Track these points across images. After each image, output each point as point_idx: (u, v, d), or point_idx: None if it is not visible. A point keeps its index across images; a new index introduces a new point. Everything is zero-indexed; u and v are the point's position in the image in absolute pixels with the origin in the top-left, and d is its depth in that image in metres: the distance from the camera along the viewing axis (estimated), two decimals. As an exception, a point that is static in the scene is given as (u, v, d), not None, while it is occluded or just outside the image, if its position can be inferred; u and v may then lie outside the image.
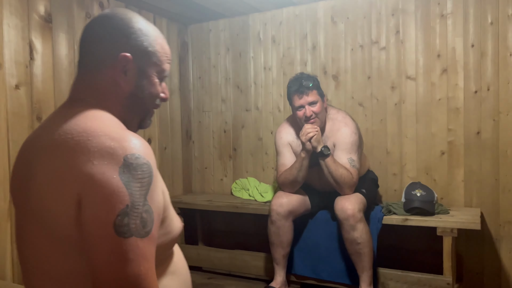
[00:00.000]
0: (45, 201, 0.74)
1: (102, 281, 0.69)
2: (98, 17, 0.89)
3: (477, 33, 2.45)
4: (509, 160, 2.40)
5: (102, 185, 0.70)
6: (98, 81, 0.86)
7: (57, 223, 0.73)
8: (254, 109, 3.18)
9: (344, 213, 2.16)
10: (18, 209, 0.84)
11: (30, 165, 0.78)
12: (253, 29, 3.15)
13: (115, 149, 0.73)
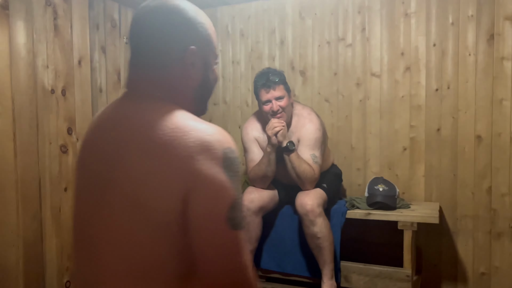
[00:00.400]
0: (148, 194, 0.73)
1: (215, 272, 0.72)
2: (157, 9, 0.85)
3: (439, 32, 2.53)
4: (467, 156, 2.49)
5: (211, 180, 0.72)
6: (167, 75, 0.84)
7: (158, 213, 0.73)
8: (222, 103, 3.16)
9: (304, 208, 2.19)
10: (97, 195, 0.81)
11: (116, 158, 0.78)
12: (221, 22, 3.12)
13: (213, 144, 0.74)
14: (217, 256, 0.73)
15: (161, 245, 0.75)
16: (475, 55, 2.45)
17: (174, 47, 0.84)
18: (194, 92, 0.88)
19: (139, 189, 0.74)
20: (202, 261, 0.73)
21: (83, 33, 2.67)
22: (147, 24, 0.85)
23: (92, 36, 2.74)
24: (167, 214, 0.73)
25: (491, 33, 2.42)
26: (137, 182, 0.74)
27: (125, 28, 3.04)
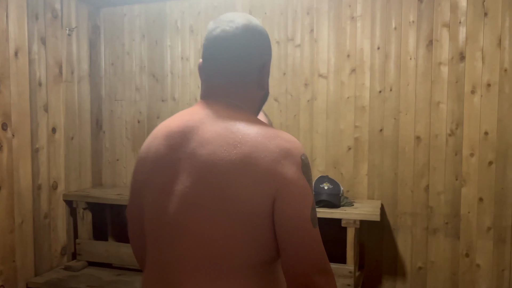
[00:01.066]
0: (236, 190, 0.82)
1: (305, 263, 0.83)
2: (248, 22, 0.95)
3: (383, 36, 2.62)
4: (407, 156, 2.61)
5: (296, 184, 0.83)
6: (246, 85, 0.95)
7: (244, 207, 0.82)
8: (171, 99, 3.10)
9: None
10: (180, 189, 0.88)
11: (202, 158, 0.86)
12: (171, 17, 3.05)
13: (292, 150, 0.85)
14: (303, 248, 0.83)
15: (242, 236, 0.83)
16: (415, 59, 2.57)
17: (256, 61, 0.95)
18: (260, 100, 1.00)
19: (228, 186, 0.82)
20: (289, 252, 0.83)
21: (20, 22, 2.51)
22: (235, 40, 0.92)
23: (30, 26, 2.59)
24: (252, 209, 0.82)
25: (430, 39, 2.54)
26: (226, 179, 0.83)
27: (67, 18, 2.89)
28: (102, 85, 3.23)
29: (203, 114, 0.92)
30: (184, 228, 0.86)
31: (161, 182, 0.91)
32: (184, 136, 0.90)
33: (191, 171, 0.87)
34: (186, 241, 0.86)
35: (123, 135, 3.22)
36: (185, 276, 0.86)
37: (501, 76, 2.43)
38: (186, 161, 0.88)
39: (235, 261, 0.85)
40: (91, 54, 3.12)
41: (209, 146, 0.86)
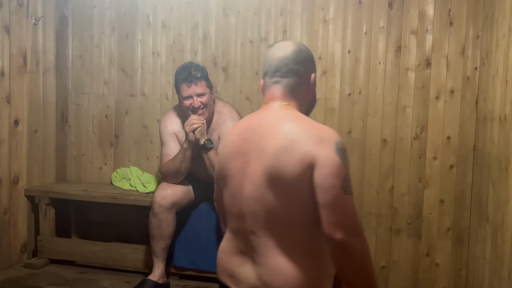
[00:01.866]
0: (285, 165, 1.11)
1: (338, 225, 1.05)
2: (297, 46, 1.28)
3: (354, 40, 2.68)
4: (373, 158, 2.68)
5: (327, 159, 1.08)
6: (299, 92, 1.26)
7: (291, 178, 1.10)
8: (140, 95, 3.04)
9: None
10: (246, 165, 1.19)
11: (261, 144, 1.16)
12: (142, 11, 3.00)
13: (327, 137, 1.12)
14: (336, 211, 1.06)
15: (293, 201, 1.13)
16: (384, 64, 2.64)
17: (307, 73, 1.28)
18: (308, 104, 1.32)
19: (283, 165, 1.11)
20: (325, 215, 1.07)
21: (-18, 9, 2.40)
22: (287, 59, 1.24)
23: (-7, 14, 2.48)
24: (299, 180, 1.10)
25: (398, 44, 2.62)
26: (281, 161, 1.11)
27: (33, 7, 2.79)
28: (68, 78, 3.14)
29: (266, 115, 1.22)
30: (258, 202, 1.15)
31: (237, 167, 1.20)
32: (252, 132, 1.20)
33: (257, 158, 1.16)
34: (260, 211, 1.15)
35: (89, 129, 3.13)
36: (260, 238, 1.16)
37: (464, 83, 2.53)
38: (254, 150, 1.17)
39: (289, 221, 1.14)
40: (58, 45, 3.01)
41: (270, 139, 1.15)
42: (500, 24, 2.13)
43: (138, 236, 2.77)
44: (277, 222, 1.15)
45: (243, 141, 1.21)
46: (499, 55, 2.12)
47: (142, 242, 2.65)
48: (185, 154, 2.27)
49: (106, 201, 2.72)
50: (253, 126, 1.22)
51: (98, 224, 3.07)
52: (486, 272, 2.16)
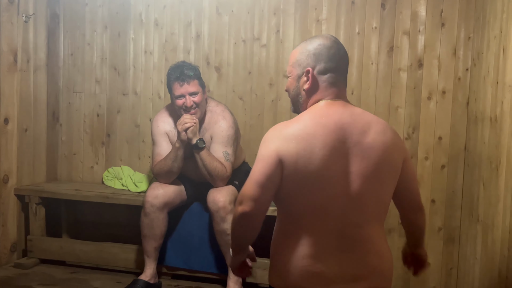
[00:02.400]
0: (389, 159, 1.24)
1: (418, 197, 1.38)
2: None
3: (347, 41, 2.68)
4: (366, 158, 2.69)
5: (409, 155, 1.34)
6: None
7: (394, 170, 1.27)
8: (132, 93, 3.02)
9: (216, 205, 2.19)
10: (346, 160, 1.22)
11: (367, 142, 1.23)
12: (135, 9, 2.98)
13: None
14: (417, 189, 1.38)
15: (392, 189, 1.30)
16: (376, 64, 2.65)
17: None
18: None
19: (387, 160, 1.24)
20: (412, 192, 1.36)
21: (-28, 5, 2.37)
22: (346, 57, 1.32)
23: (-17, 10, 2.45)
24: (397, 172, 1.28)
25: (391, 45, 2.63)
26: (385, 155, 1.23)
27: (24, 4, 2.76)
28: (60, 76, 3.11)
29: (351, 113, 1.25)
30: (368, 196, 1.23)
31: (337, 166, 1.21)
32: (346, 131, 1.22)
33: (361, 155, 1.21)
34: (370, 204, 1.25)
35: (81, 128, 3.11)
36: (364, 229, 1.25)
37: (455, 84, 2.55)
38: (355, 148, 1.21)
39: (387, 209, 1.31)
40: (49, 43, 2.99)
41: (372, 136, 1.22)
42: (491, 25, 2.15)
43: (130, 236, 2.75)
44: (383, 211, 1.30)
45: (339, 141, 1.21)
46: (490, 56, 2.14)
47: (133, 242, 2.63)
48: (177, 153, 2.26)
49: (98, 200, 2.70)
50: (344, 125, 1.22)
51: (90, 223, 3.05)
52: (477, 272, 2.18)
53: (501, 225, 1.86)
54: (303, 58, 1.30)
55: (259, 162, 1.22)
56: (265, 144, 1.25)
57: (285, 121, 1.32)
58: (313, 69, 1.28)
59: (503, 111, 1.90)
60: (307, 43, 1.32)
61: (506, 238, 1.81)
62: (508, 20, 1.93)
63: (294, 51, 1.35)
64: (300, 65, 1.30)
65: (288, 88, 1.37)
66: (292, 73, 1.33)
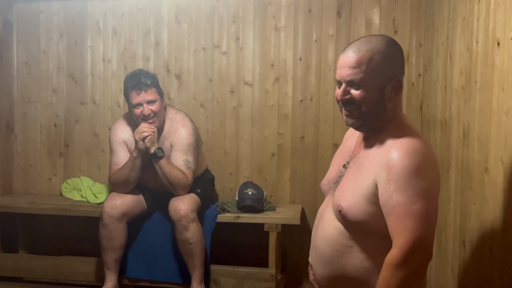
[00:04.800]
0: None
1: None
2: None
3: (305, 48, 2.74)
4: (326, 162, 2.74)
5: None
6: None
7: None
8: (91, 102, 2.96)
9: (178, 214, 2.18)
10: None
11: None
12: (92, 16, 2.93)
13: None
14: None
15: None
16: (334, 70, 2.71)
17: None
18: None
19: None
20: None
21: None
22: None
23: None
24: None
25: (347, 52, 2.69)
26: None
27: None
28: (14, 85, 3.00)
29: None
30: None
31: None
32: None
33: None
34: None
35: (37, 139, 3.01)
36: None
37: (409, 89, 2.65)
38: None
39: None
40: (2, 52, 2.89)
41: None
42: (439, 33, 2.25)
43: (90, 248, 2.68)
44: None
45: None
46: (439, 62, 2.23)
47: (95, 255, 2.57)
48: (134, 162, 2.23)
49: (55, 213, 2.62)
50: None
51: (48, 237, 2.95)
52: (433, 270, 2.26)
53: (452, 224, 1.94)
54: (387, 64, 1.13)
55: (429, 199, 1.06)
56: (426, 174, 1.07)
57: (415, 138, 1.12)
58: (401, 77, 1.16)
59: (451, 115, 1.99)
60: (385, 45, 1.14)
61: (457, 236, 1.88)
62: (453, 28, 2.02)
63: (363, 53, 1.12)
64: (384, 73, 1.13)
65: (362, 98, 1.14)
66: (368, 82, 1.12)
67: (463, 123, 1.84)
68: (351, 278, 1.18)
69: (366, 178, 1.14)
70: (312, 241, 1.31)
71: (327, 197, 1.32)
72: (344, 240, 1.18)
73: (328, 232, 1.21)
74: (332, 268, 1.21)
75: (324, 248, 1.22)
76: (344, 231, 1.18)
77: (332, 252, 1.20)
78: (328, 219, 1.23)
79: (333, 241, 1.20)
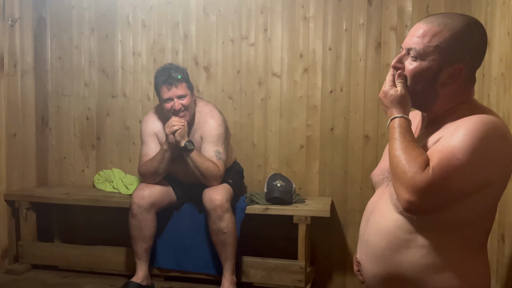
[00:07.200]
0: None
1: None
2: None
3: (334, 37, 2.68)
4: (356, 155, 2.69)
5: None
6: None
7: None
8: (121, 96, 3.01)
9: (212, 203, 2.18)
10: None
11: None
12: (122, 11, 2.96)
13: None
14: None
15: None
16: (365, 60, 2.65)
17: None
18: None
19: None
20: None
21: (-45, 10, 2.34)
22: None
23: (-33, 15, 2.42)
24: None
25: (378, 41, 2.63)
26: None
27: (9, 8, 2.74)
28: (48, 80, 3.09)
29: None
30: None
31: None
32: None
33: None
34: None
35: (70, 132, 3.09)
36: None
37: (443, 79, 2.55)
38: None
39: None
40: (36, 47, 2.96)
41: None
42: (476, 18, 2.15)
43: (122, 239, 2.73)
44: None
45: None
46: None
47: (125, 245, 2.62)
48: (164, 155, 2.25)
49: (88, 204, 2.68)
50: None
51: (81, 227, 3.03)
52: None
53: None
54: (454, 46, 1.02)
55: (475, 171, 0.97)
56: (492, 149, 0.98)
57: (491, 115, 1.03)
58: (465, 67, 1.04)
59: (490, 104, 1.91)
60: (462, 26, 1.02)
61: (495, 230, 1.81)
62: (492, 13, 1.93)
63: (433, 26, 1.03)
64: (446, 54, 1.02)
65: (411, 71, 1.06)
66: (425, 56, 1.04)
67: (502, 111, 1.76)
68: (406, 277, 1.08)
69: None
70: (362, 236, 1.22)
71: (380, 188, 1.22)
72: (402, 233, 1.08)
73: (383, 225, 1.12)
74: (385, 264, 1.11)
75: (378, 243, 1.12)
76: (403, 224, 1.08)
77: (386, 247, 1.10)
78: (383, 210, 1.14)
79: (389, 234, 1.10)
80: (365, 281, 1.22)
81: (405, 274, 1.08)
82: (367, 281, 1.20)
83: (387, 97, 1.11)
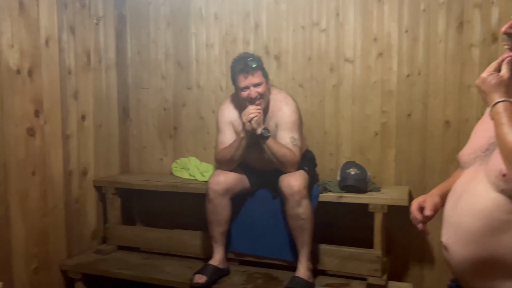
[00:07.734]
0: None
1: None
2: None
3: (411, 19, 2.56)
4: (435, 141, 2.56)
5: None
6: None
7: None
8: (196, 87, 3.12)
9: (291, 189, 2.19)
10: None
11: None
12: (195, 4, 3.06)
13: None
14: None
15: None
16: (445, 42, 2.50)
17: None
18: None
19: None
20: None
21: (50, 11, 2.57)
22: None
23: (60, 15, 2.65)
24: None
25: (460, 20, 2.46)
26: None
27: (94, 8, 2.94)
28: (128, 74, 3.28)
29: None
30: None
31: None
32: None
33: None
34: None
35: (149, 122, 3.26)
36: None
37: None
38: None
39: None
40: (118, 43, 3.16)
41: None
42: None
43: (198, 223, 2.84)
44: None
45: None
46: None
47: (201, 229, 2.72)
48: (241, 143, 2.30)
49: (167, 189, 2.82)
50: None
51: (160, 212, 3.20)
52: None
53: None
54: None
55: None
56: None
57: None
58: None
59: None
60: None
61: None
62: None
63: None
64: None
65: None
66: None
67: None
68: (502, 262, 1.02)
69: None
70: (450, 218, 1.18)
71: (470, 169, 1.17)
72: (501, 214, 1.02)
73: (479, 205, 1.06)
74: (479, 247, 1.06)
75: (472, 224, 1.07)
76: (504, 203, 1.01)
77: (482, 228, 1.05)
78: (478, 190, 1.08)
79: (485, 215, 1.04)
80: (452, 266, 1.16)
81: (501, 258, 1.02)
82: (455, 266, 1.14)
83: (486, 82, 1.08)
